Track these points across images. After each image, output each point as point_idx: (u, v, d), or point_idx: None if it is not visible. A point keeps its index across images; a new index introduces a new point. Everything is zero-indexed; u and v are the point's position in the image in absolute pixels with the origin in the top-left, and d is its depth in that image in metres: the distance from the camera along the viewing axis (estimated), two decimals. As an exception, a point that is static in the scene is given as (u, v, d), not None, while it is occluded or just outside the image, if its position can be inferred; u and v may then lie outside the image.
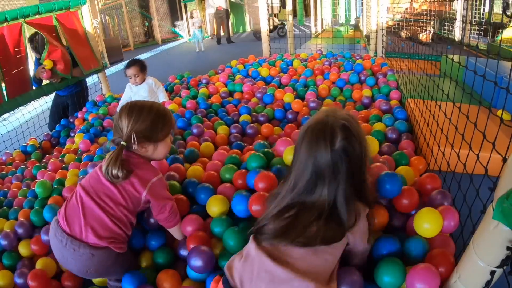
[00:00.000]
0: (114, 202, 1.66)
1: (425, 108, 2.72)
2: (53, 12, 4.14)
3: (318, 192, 1.28)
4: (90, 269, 1.65)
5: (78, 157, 3.18)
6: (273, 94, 3.81)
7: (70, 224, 1.63)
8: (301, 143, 1.30)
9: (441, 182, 1.93)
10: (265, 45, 6.29)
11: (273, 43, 6.48)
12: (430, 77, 2.85)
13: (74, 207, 1.66)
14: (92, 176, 1.72)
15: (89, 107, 4.45)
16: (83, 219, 1.61)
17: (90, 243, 1.60)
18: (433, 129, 2.47)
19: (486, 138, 1.58)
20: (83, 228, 1.61)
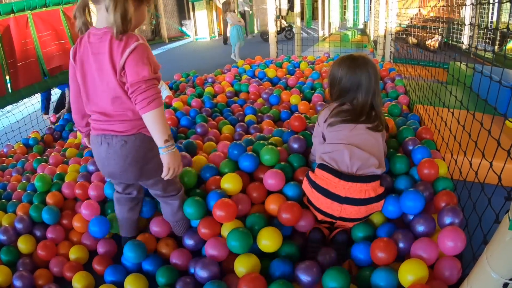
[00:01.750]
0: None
1: (436, 114, 2.67)
2: (60, 6, 4.12)
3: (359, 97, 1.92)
4: (127, 160, 1.66)
5: (80, 152, 3.15)
6: (279, 95, 3.78)
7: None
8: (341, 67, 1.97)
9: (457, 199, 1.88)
10: (272, 46, 6.27)
11: (280, 45, 6.47)
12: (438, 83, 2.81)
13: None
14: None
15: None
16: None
17: (120, 131, 1.63)
18: (445, 136, 2.43)
19: (500, 145, 1.53)
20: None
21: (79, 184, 2.34)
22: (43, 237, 2.17)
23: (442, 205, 1.80)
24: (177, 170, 1.65)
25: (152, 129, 1.57)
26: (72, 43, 4.24)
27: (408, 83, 3.89)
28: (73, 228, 2.19)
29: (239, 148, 2.29)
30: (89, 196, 2.28)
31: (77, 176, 2.50)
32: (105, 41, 1.53)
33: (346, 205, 1.79)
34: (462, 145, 2.09)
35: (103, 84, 1.59)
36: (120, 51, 1.51)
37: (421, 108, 3.08)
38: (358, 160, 1.81)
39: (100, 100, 1.63)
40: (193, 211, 1.90)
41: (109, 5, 1.47)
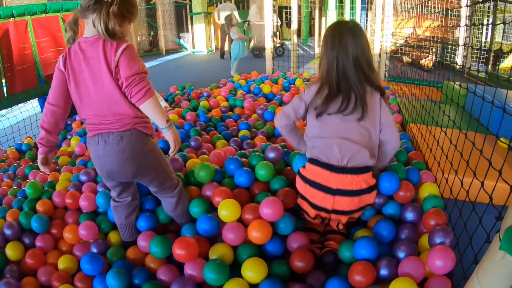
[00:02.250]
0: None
1: (428, 133, 2.69)
2: (60, 13, 4.14)
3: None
4: (125, 155, 1.76)
5: (72, 161, 3.14)
6: (274, 111, 3.78)
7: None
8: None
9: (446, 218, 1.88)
10: (268, 63, 6.30)
11: (276, 61, 6.48)
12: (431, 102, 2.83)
13: None
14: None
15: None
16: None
17: (116, 128, 1.75)
18: (436, 155, 2.44)
19: (492, 165, 1.54)
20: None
21: (70, 194, 2.33)
22: (31, 245, 2.14)
23: (432, 223, 1.81)
24: (179, 145, 1.84)
25: (153, 115, 1.74)
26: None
27: (402, 102, 3.91)
28: (62, 238, 2.17)
29: (235, 163, 2.32)
30: (80, 206, 2.27)
31: (69, 185, 2.48)
32: (97, 46, 1.69)
33: (338, 196, 1.81)
34: (454, 164, 2.11)
35: (98, 86, 1.71)
36: (113, 51, 1.67)
37: (414, 127, 3.10)
38: (348, 153, 1.81)
39: (95, 102, 1.74)
40: (158, 250, 1.89)
41: (95, 20, 1.65)
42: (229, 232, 1.87)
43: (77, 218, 2.27)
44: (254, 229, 1.87)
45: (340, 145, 1.82)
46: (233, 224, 1.90)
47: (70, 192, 2.35)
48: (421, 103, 3.16)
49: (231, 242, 1.87)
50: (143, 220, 2.10)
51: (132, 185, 2.06)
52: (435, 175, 2.37)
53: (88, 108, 1.77)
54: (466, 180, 1.95)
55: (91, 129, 1.79)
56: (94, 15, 1.66)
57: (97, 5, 1.66)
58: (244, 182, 2.22)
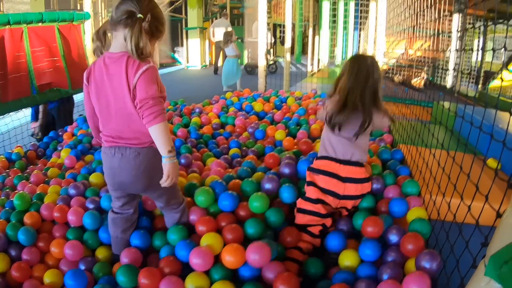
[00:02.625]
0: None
1: (418, 155, 2.70)
2: (56, 23, 4.14)
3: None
4: (140, 169, 1.86)
5: (62, 173, 3.10)
6: (265, 130, 3.79)
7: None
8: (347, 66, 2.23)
9: (424, 243, 1.90)
10: (261, 80, 6.32)
11: (269, 78, 6.51)
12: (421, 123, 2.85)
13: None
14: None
15: (80, 123, 4.41)
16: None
17: (134, 144, 1.83)
18: (425, 177, 2.45)
19: (479, 191, 1.55)
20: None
21: (58, 207, 2.31)
22: (18, 257, 2.12)
23: (409, 247, 1.85)
24: (174, 180, 1.84)
25: (157, 140, 1.77)
26: (64, 62, 4.25)
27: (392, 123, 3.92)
28: (49, 251, 2.15)
29: (219, 186, 2.35)
30: (67, 220, 2.25)
31: (57, 198, 2.47)
32: (121, 63, 1.74)
33: (348, 183, 2.17)
34: (443, 186, 2.12)
35: (119, 103, 1.79)
36: (133, 71, 1.72)
37: (404, 148, 3.11)
38: (351, 152, 2.20)
39: (115, 117, 1.82)
40: (124, 280, 1.87)
41: (127, 35, 1.70)
42: (195, 258, 1.86)
43: (64, 232, 2.25)
44: (227, 253, 1.88)
45: (345, 147, 2.20)
46: (201, 249, 1.89)
47: (58, 206, 2.33)
48: (411, 124, 3.18)
49: (198, 268, 1.86)
50: (137, 238, 2.12)
51: (136, 199, 2.11)
52: (423, 196, 2.38)
53: (108, 122, 1.85)
54: (454, 201, 1.96)
55: (108, 141, 1.87)
56: (126, 30, 1.72)
57: (130, 20, 1.72)
58: (228, 206, 2.23)
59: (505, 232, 1.11)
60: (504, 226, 1.12)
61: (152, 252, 2.15)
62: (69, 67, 4.32)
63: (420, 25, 4.16)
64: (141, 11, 1.72)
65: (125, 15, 1.72)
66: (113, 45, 1.81)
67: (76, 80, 4.43)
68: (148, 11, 1.75)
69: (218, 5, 17.44)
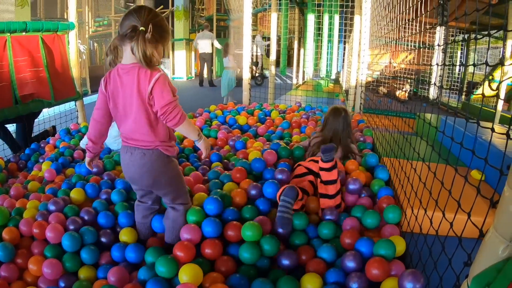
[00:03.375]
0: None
1: (400, 169, 2.71)
2: (40, 32, 4.10)
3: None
4: (143, 169, 2.09)
5: (42, 187, 3.04)
6: (246, 142, 3.79)
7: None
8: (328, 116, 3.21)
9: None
10: (245, 93, 6.31)
11: (253, 91, 6.51)
12: (404, 136, 2.86)
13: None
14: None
15: (62, 135, 4.35)
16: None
17: (142, 145, 2.06)
18: (407, 191, 2.45)
19: (460, 207, 1.55)
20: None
21: (37, 223, 2.27)
22: (-4, 274, 2.07)
23: (374, 272, 1.87)
24: (208, 152, 2.25)
25: (187, 134, 2.15)
26: (47, 73, 4.21)
27: (376, 135, 3.94)
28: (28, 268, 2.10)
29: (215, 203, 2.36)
30: (46, 237, 2.21)
31: (36, 213, 2.42)
32: (133, 74, 1.95)
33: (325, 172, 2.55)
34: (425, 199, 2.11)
35: (128, 110, 2.02)
36: (147, 80, 1.93)
37: (387, 161, 3.12)
38: None
39: (127, 122, 2.05)
40: None
41: (134, 47, 1.89)
42: None
43: (43, 248, 2.20)
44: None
45: None
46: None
47: (37, 222, 2.29)
48: (393, 138, 3.19)
49: None
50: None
51: (153, 193, 2.31)
52: (405, 210, 2.38)
53: (122, 126, 2.09)
54: (437, 215, 1.94)
55: (124, 140, 2.12)
56: (132, 42, 1.90)
57: (133, 33, 1.90)
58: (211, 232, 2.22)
59: (487, 254, 1.11)
60: (487, 246, 1.12)
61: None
62: (52, 77, 4.28)
63: (404, 38, 4.20)
64: (142, 24, 1.90)
65: (129, 29, 1.90)
66: (124, 57, 2.01)
67: (59, 91, 4.39)
68: (149, 22, 1.91)
69: (205, 17, 17.52)
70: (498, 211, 1.11)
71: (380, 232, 2.32)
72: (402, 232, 2.33)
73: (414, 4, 2.95)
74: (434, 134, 2.32)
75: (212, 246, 2.11)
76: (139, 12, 1.93)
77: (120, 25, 1.97)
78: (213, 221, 2.22)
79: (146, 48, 1.88)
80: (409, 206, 2.33)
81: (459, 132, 1.79)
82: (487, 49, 1.96)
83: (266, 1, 13.70)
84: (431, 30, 8.54)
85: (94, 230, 2.28)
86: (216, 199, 2.35)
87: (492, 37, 6.81)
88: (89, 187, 2.73)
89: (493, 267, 1.09)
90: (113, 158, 3.40)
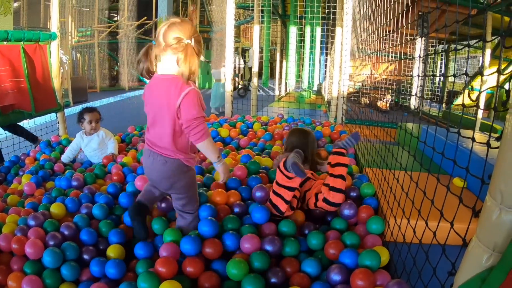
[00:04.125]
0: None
1: (383, 179, 2.71)
2: (21, 42, 4.06)
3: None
4: (163, 175, 2.24)
5: (22, 200, 2.97)
6: (227, 155, 3.77)
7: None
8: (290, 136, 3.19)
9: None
10: (227, 105, 6.29)
11: (235, 103, 6.50)
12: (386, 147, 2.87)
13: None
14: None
15: (43, 147, 4.29)
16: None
17: (164, 153, 2.18)
18: (390, 201, 2.46)
19: (443, 217, 1.56)
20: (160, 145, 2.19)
21: (16, 238, 2.22)
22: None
23: (359, 283, 1.86)
24: (227, 175, 2.36)
25: (206, 153, 2.22)
26: (28, 83, 4.14)
27: (358, 145, 3.96)
28: (6, 285, 2.04)
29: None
30: (25, 253, 2.16)
31: (15, 228, 2.36)
32: (167, 85, 2.08)
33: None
34: (408, 209, 2.11)
35: (159, 119, 2.15)
36: (177, 93, 2.03)
37: (370, 172, 3.13)
38: None
39: (155, 129, 2.20)
40: None
41: (181, 58, 2.01)
42: None
43: (23, 264, 2.14)
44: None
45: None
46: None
47: (16, 237, 2.24)
48: (375, 148, 3.20)
49: None
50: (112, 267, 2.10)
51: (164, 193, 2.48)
52: (388, 220, 2.38)
53: (149, 132, 2.25)
54: (421, 224, 1.95)
55: (148, 144, 2.26)
56: (178, 54, 2.02)
57: (178, 45, 2.01)
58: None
59: (471, 263, 1.11)
60: (471, 256, 1.12)
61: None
62: (33, 88, 4.22)
63: (385, 49, 4.24)
64: (188, 37, 2.03)
65: (174, 41, 2.01)
66: (161, 67, 2.13)
67: (40, 102, 4.33)
68: (191, 36, 2.05)
69: (188, 28, 17.49)
70: (481, 220, 1.12)
71: (363, 242, 2.32)
72: (386, 242, 2.33)
73: (395, 16, 2.98)
74: (416, 143, 2.33)
75: (193, 264, 2.09)
76: (183, 25, 2.04)
77: (162, 35, 2.05)
78: (192, 238, 2.19)
79: (192, 61, 2.01)
80: (392, 216, 2.34)
81: (441, 141, 1.80)
82: (467, 58, 1.98)
83: (249, 13, 13.78)
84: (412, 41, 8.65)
85: (76, 246, 2.22)
86: (195, 238, 2.23)
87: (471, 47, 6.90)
88: (69, 202, 2.68)
89: (477, 277, 1.09)
90: (94, 172, 3.35)
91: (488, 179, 1.11)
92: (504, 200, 1.03)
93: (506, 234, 1.03)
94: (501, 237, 1.05)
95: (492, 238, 1.07)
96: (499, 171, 1.05)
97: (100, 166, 3.48)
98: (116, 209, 2.67)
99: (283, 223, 2.41)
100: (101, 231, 2.44)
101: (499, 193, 1.04)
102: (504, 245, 1.04)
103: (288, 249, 2.25)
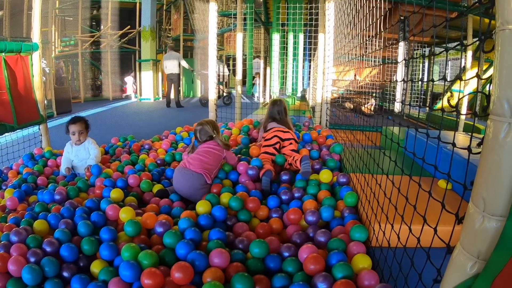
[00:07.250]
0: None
1: (366, 184, 2.71)
2: (3, 53, 4.02)
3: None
4: (189, 184, 3.20)
5: (4, 216, 2.92)
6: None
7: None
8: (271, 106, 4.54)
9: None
10: (211, 114, 6.25)
11: (220, 112, 6.48)
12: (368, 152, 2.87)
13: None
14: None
15: (26, 160, 4.24)
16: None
17: (193, 170, 3.24)
18: (374, 206, 2.46)
19: (426, 222, 1.56)
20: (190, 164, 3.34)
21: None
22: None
23: None
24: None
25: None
26: (10, 95, 4.09)
27: (343, 152, 3.95)
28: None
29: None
30: (8, 270, 2.11)
31: (-2, 244, 2.31)
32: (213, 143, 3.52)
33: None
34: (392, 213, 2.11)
35: (202, 153, 3.41)
36: (222, 151, 3.55)
37: (354, 177, 3.13)
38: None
39: (197, 156, 3.36)
40: None
41: (216, 140, 3.53)
42: None
43: (6, 282, 2.09)
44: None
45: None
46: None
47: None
48: (358, 154, 3.20)
49: None
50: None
51: None
52: (373, 226, 2.37)
53: (189, 155, 3.47)
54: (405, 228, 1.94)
55: (185, 161, 3.39)
56: (212, 141, 3.49)
57: (209, 137, 3.50)
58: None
59: (456, 271, 1.11)
60: (455, 264, 1.12)
61: None
62: (14, 100, 4.18)
63: (367, 54, 4.26)
64: (215, 132, 3.54)
65: (205, 137, 3.50)
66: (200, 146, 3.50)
67: (22, 114, 4.28)
68: (215, 128, 3.57)
69: (171, 37, 17.52)
70: (464, 228, 1.12)
71: (346, 250, 2.28)
72: (372, 248, 2.33)
73: (376, 20, 2.99)
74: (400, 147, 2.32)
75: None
76: (210, 125, 3.53)
77: (199, 131, 3.52)
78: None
79: (223, 143, 3.49)
80: (377, 221, 2.34)
81: (424, 143, 1.80)
82: (446, 63, 1.99)
83: (232, 21, 13.80)
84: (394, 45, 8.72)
85: (55, 261, 2.15)
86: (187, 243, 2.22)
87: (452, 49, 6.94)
88: (52, 218, 2.63)
89: (462, 284, 1.09)
90: (76, 186, 3.31)
91: (470, 185, 1.11)
92: (486, 208, 1.03)
93: (490, 242, 1.03)
94: (485, 245, 1.04)
95: (476, 246, 1.06)
96: (481, 178, 1.05)
97: (83, 180, 3.44)
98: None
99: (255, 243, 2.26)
100: (83, 249, 2.32)
101: (481, 200, 1.04)
102: (488, 253, 1.04)
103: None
